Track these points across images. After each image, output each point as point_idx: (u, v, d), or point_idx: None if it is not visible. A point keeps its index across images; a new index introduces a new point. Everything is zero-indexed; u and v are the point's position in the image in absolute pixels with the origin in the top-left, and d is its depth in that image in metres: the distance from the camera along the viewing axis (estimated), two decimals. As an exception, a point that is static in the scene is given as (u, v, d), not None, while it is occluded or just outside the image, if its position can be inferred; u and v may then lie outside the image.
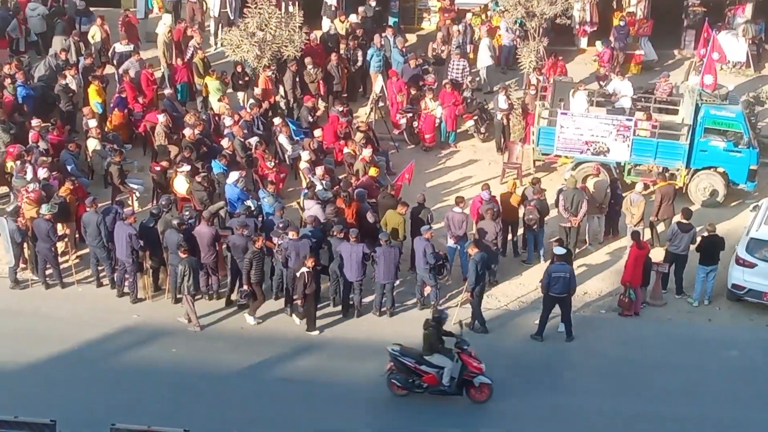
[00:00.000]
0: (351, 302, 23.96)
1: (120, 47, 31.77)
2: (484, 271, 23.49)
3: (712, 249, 24.65)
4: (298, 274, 22.92)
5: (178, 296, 23.51)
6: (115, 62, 31.58)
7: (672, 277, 25.05)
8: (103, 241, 23.93)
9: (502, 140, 29.95)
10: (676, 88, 30.71)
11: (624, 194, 26.62)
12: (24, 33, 32.67)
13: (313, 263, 22.90)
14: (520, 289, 25.18)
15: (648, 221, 26.06)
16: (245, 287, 23.23)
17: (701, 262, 24.75)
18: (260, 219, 24.90)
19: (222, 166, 26.36)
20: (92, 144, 27.39)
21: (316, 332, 23.32)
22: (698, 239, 24.66)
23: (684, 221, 24.77)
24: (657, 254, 24.86)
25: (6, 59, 31.12)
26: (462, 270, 24.21)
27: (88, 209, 24.17)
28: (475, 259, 23.10)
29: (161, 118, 27.95)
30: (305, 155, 27.00)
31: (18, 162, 25.74)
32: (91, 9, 34.01)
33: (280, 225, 23.93)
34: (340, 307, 24.00)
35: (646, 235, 25.89)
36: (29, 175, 25.27)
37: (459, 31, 33.46)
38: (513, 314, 24.41)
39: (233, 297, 24.06)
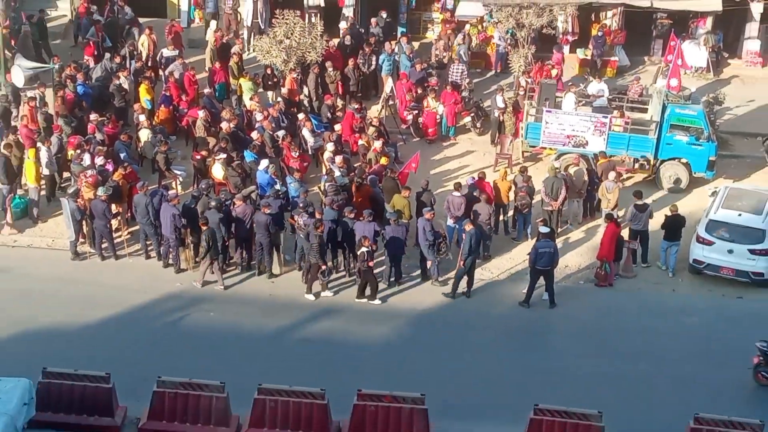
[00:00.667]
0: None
1: (167, 52, 31.73)
2: (477, 245, 23.47)
3: (674, 227, 24.71)
4: (359, 253, 22.89)
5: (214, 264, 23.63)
6: (162, 65, 31.51)
7: (639, 251, 25.03)
8: (151, 219, 23.92)
9: (497, 134, 29.82)
10: (646, 90, 30.61)
11: (599, 181, 26.54)
12: (101, 38, 32.54)
13: (370, 244, 22.82)
14: (509, 262, 25.10)
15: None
16: (323, 267, 23.16)
17: (665, 238, 24.82)
18: (286, 201, 24.85)
19: (253, 155, 26.32)
20: (143, 135, 27.37)
21: (378, 302, 23.25)
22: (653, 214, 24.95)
23: (639, 203, 24.83)
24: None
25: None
26: (459, 245, 24.13)
27: (138, 192, 24.18)
28: (470, 233, 23.10)
29: (201, 113, 27.92)
30: (330, 146, 26.96)
31: (78, 150, 25.74)
32: (142, 19, 33.89)
33: (301, 205, 23.91)
34: (354, 277, 23.94)
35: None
36: (86, 162, 25.28)
37: (435, 40, 33.55)
38: (503, 284, 24.36)
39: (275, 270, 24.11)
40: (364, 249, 22.81)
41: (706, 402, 19.61)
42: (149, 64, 31.52)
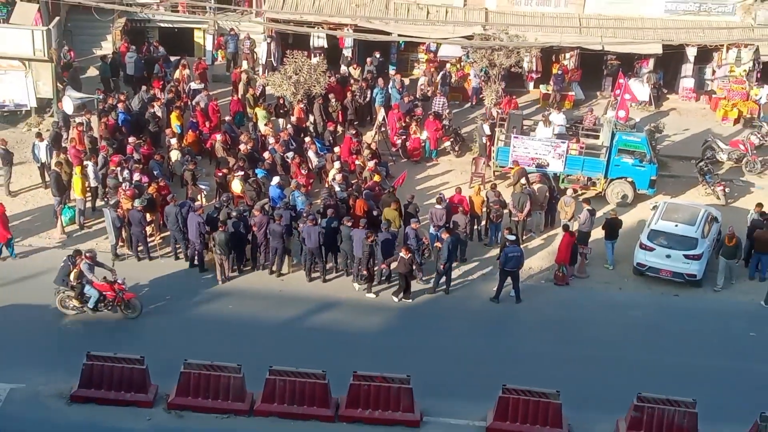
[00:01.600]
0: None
1: (194, 85, 31.70)
2: (454, 250, 23.51)
3: (613, 227, 25.03)
4: (398, 258, 22.78)
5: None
6: (190, 96, 31.47)
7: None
8: (180, 226, 23.90)
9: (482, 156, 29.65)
10: (598, 120, 30.71)
11: (559, 196, 26.62)
12: (164, 73, 32.54)
13: (408, 253, 22.69)
14: (482, 265, 25.08)
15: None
16: (364, 272, 23.15)
17: (606, 237, 25.08)
18: (294, 212, 24.82)
19: (263, 171, 26.33)
20: (174, 155, 27.37)
21: (410, 300, 23.13)
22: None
23: (590, 208, 25.11)
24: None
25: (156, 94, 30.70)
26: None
27: (169, 203, 24.18)
28: (447, 242, 23.12)
29: (218, 137, 27.91)
30: (337, 164, 26.96)
31: (118, 167, 25.70)
32: (173, 57, 33.88)
33: (303, 214, 23.93)
34: (351, 276, 23.92)
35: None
36: (121, 177, 25.29)
37: (393, 78, 33.51)
38: (476, 283, 24.35)
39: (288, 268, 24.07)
40: (402, 255, 22.74)
41: (648, 382, 19.65)
42: (180, 94, 31.47)
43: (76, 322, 21.51)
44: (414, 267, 23.64)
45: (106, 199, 25.68)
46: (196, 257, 24.04)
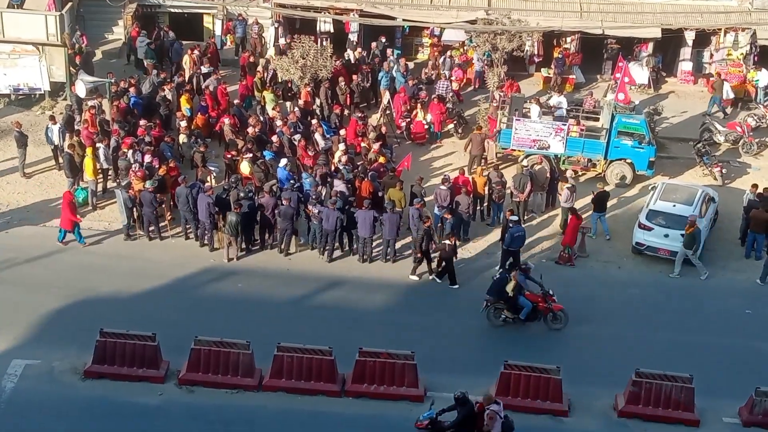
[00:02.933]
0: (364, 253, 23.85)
1: (204, 69, 31.56)
2: (456, 229, 23.52)
3: (602, 201, 25.13)
4: (442, 244, 22.74)
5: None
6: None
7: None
8: (190, 207, 23.85)
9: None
10: (598, 103, 30.52)
11: (560, 177, 26.51)
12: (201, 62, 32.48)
13: (453, 239, 22.61)
14: (484, 244, 25.01)
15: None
16: (418, 255, 23.06)
17: (595, 210, 25.23)
18: (301, 193, 24.75)
19: (271, 153, 26.23)
20: (182, 138, 27.27)
21: (456, 286, 22.93)
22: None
23: (569, 185, 25.13)
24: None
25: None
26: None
27: (180, 184, 24.11)
28: (450, 222, 23.10)
29: (226, 120, 27.76)
30: (342, 146, 26.84)
31: (130, 150, 25.61)
32: (182, 41, 33.69)
33: (314, 197, 23.83)
34: (357, 256, 23.91)
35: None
36: (132, 159, 25.22)
37: (392, 60, 33.02)
38: (479, 261, 24.28)
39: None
40: (447, 242, 22.63)
41: (646, 358, 19.64)
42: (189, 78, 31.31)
43: (91, 299, 21.48)
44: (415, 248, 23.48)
45: (117, 181, 25.62)
46: (205, 237, 23.99)
